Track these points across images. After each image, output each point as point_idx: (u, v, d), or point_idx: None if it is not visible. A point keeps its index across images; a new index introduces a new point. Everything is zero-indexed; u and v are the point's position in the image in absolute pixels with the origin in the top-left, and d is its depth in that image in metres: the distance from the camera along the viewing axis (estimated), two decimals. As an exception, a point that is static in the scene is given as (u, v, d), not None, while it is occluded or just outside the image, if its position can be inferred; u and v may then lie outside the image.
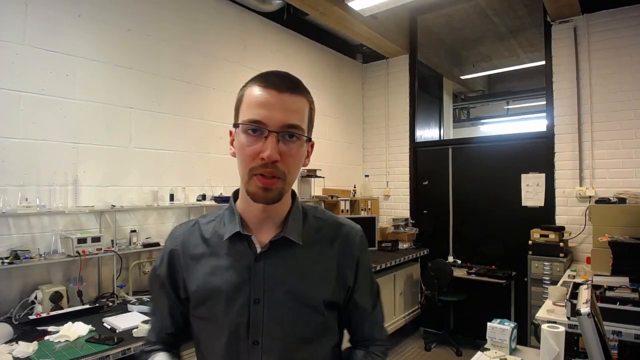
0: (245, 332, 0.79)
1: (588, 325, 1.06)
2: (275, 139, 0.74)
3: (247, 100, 0.77)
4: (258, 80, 0.77)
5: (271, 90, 0.75)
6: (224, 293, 0.80)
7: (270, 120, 0.74)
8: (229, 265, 0.82)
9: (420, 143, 4.77)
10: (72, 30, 2.41)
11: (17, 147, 2.17)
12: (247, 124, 0.75)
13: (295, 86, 0.77)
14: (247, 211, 0.83)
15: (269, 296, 0.80)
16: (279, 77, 0.77)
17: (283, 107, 0.75)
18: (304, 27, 4.18)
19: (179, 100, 3.00)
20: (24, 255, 2.04)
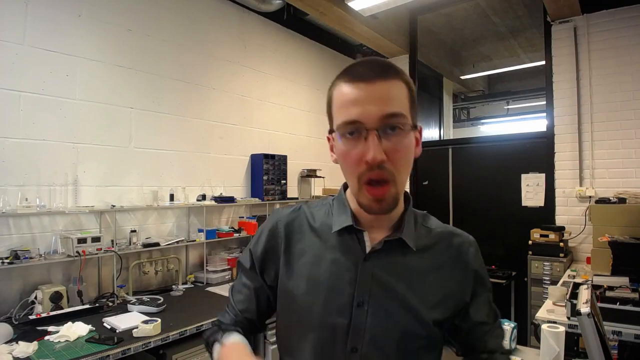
0: (344, 336, 0.71)
1: (588, 325, 1.06)
2: (376, 137, 0.65)
3: (337, 100, 0.70)
4: (343, 75, 0.70)
5: (359, 83, 0.67)
6: (325, 289, 0.73)
7: (366, 116, 0.65)
8: (335, 259, 0.74)
9: (420, 143, 4.76)
10: (72, 30, 2.41)
11: (17, 147, 2.17)
12: (342, 127, 0.67)
13: (385, 71, 0.68)
14: (354, 205, 0.76)
15: (374, 301, 0.72)
16: (365, 65, 0.69)
17: (377, 97, 0.65)
18: (304, 27, 4.18)
19: (179, 100, 3.00)
20: (24, 255, 2.04)
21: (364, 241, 0.75)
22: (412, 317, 0.72)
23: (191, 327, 2.02)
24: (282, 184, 3.67)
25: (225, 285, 2.85)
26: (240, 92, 3.51)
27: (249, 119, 3.59)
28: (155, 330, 1.87)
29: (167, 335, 1.90)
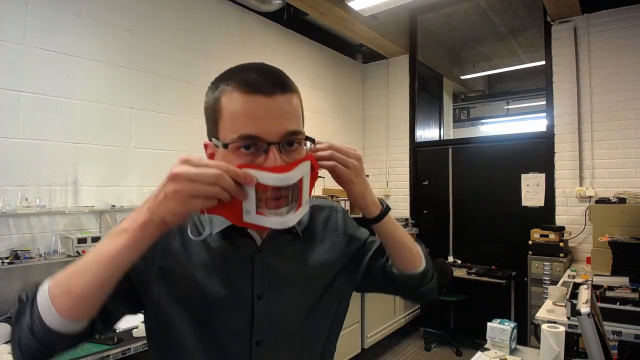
0: (248, 332, 0.70)
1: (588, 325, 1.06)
2: (277, 151, 0.62)
3: (229, 110, 0.63)
4: (235, 85, 0.63)
5: (257, 95, 0.62)
6: (222, 290, 0.69)
7: (267, 131, 0.61)
8: (224, 259, 0.71)
9: (420, 143, 4.77)
10: (72, 30, 2.41)
11: (17, 147, 2.17)
12: (237, 141, 0.61)
13: (283, 84, 0.65)
14: None
15: (273, 290, 0.72)
16: (261, 74, 0.64)
17: (277, 113, 0.63)
18: (304, 27, 4.18)
19: (179, 100, 3.01)
20: (24, 255, 2.05)
21: (252, 235, 0.72)
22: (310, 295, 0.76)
23: (191, 327, 2.02)
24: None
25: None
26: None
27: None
28: (155, 330, 1.87)
29: (167, 335, 1.90)
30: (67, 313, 0.56)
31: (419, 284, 0.83)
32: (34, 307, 0.57)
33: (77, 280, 0.56)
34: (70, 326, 0.57)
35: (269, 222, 0.62)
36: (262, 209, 0.61)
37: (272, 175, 0.60)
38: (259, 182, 0.59)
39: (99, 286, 0.56)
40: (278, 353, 0.72)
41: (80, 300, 0.56)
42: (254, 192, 0.60)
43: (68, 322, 0.56)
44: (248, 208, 0.60)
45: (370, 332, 3.57)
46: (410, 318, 4.29)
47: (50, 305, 0.56)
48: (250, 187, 0.59)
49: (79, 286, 0.55)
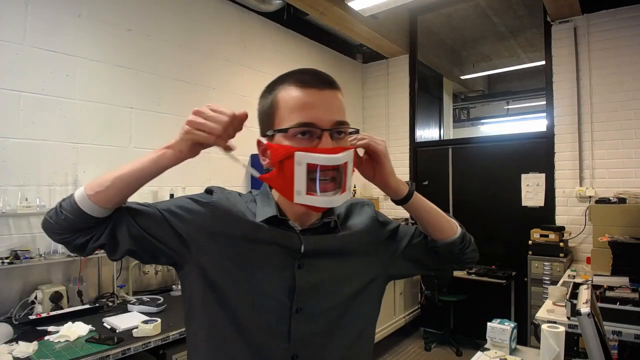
0: (288, 299, 0.75)
1: (588, 325, 1.06)
2: (329, 137, 0.72)
3: (287, 103, 0.73)
4: (291, 81, 0.74)
5: (312, 89, 0.73)
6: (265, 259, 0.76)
7: (320, 119, 0.71)
8: (267, 239, 0.77)
9: (420, 143, 4.77)
10: (72, 30, 2.41)
11: (17, 147, 2.17)
12: (297, 128, 0.71)
13: (332, 82, 0.76)
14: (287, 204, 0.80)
15: (313, 263, 0.78)
16: (313, 74, 0.75)
17: (328, 104, 0.73)
18: (304, 27, 4.18)
19: (179, 100, 3.00)
20: (24, 255, 2.04)
21: (292, 226, 0.80)
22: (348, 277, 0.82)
23: (191, 327, 2.02)
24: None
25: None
26: (240, 92, 3.51)
27: (249, 119, 3.55)
28: (155, 330, 1.87)
29: (167, 335, 1.90)
30: (87, 187, 0.71)
31: (461, 248, 0.91)
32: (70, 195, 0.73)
33: (107, 175, 0.71)
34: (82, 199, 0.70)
35: (318, 201, 0.71)
36: (311, 190, 0.70)
37: (323, 156, 0.69)
38: (310, 163, 0.69)
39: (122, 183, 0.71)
40: (316, 322, 0.77)
41: (99, 183, 0.70)
42: (305, 173, 0.69)
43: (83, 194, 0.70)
44: (299, 189, 0.70)
45: (370, 332, 3.57)
46: (410, 318, 4.29)
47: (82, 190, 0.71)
48: (302, 168, 0.69)
49: (106, 174, 0.72)
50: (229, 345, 0.75)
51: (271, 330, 0.74)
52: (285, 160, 0.71)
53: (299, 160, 0.69)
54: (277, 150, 0.73)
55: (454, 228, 0.91)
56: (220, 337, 0.75)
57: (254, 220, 0.79)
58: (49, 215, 0.73)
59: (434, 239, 0.90)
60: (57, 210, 0.72)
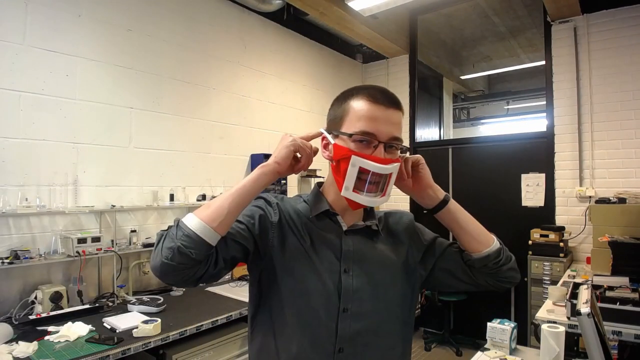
0: (337, 299, 0.85)
1: (588, 325, 1.06)
2: (383, 149, 0.83)
3: (356, 112, 0.84)
4: (364, 94, 0.85)
5: (380, 106, 0.84)
6: (315, 262, 0.87)
7: (380, 132, 0.83)
8: (319, 236, 0.89)
9: (420, 143, 4.77)
10: (72, 30, 2.41)
11: (17, 147, 2.17)
12: (360, 135, 0.83)
13: (397, 102, 0.87)
14: (335, 199, 0.92)
15: (357, 267, 0.88)
16: (383, 93, 0.86)
17: (389, 121, 0.84)
18: (304, 27, 4.18)
19: (179, 100, 3.00)
20: (24, 255, 2.04)
21: (340, 222, 0.92)
22: (388, 280, 0.91)
23: (191, 327, 2.02)
24: (282, 183, 3.67)
25: (226, 285, 2.85)
26: (240, 92, 3.51)
27: (249, 119, 3.59)
28: (155, 330, 1.87)
29: (167, 335, 1.90)
30: (205, 218, 0.76)
31: (496, 263, 0.92)
32: (179, 223, 0.77)
33: (216, 201, 0.79)
34: (205, 231, 0.75)
35: (360, 198, 0.83)
36: (357, 189, 0.83)
37: (374, 164, 0.81)
38: (362, 167, 0.81)
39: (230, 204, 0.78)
40: (360, 321, 0.86)
41: (217, 213, 0.77)
42: (356, 173, 0.82)
43: (204, 226, 0.75)
44: (348, 185, 0.83)
45: (370, 332, 3.57)
46: (410, 318, 4.29)
47: (193, 215, 0.77)
48: (354, 169, 0.81)
49: (216, 203, 0.79)
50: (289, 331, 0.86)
51: (322, 324, 0.85)
52: (343, 159, 0.84)
53: (354, 162, 0.82)
54: (340, 150, 0.85)
55: (490, 241, 0.93)
56: (283, 322, 0.87)
57: (309, 215, 0.92)
58: (165, 258, 0.74)
59: (469, 252, 0.93)
60: (175, 250, 0.74)
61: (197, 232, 0.75)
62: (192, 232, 0.75)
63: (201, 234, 0.75)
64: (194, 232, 0.75)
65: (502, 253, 0.93)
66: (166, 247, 0.74)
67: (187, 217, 0.77)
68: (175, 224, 0.78)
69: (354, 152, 0.82)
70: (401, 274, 0.94)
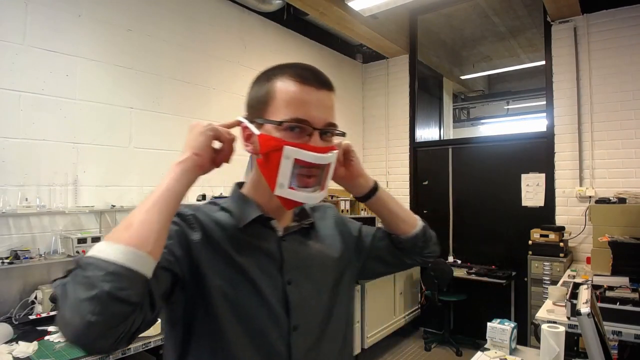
0: (285, 318, 0.73)
1: (588, 325, 1.06)
2: (318, 137, 0.72)
3: (284, 96, 0.72)
4: (291, 74, 0.73)
5: (310, 87, 0.72)
6: (254, 279, 0.73)
7: (314, 118, 0.72)
8: (253, 248, 0.75)
9: (420, 143, 4.77)
10: (72, 30, 2.41)
11: (17, 147, 2.17)
12: (291, 122, 0.70)
13: (329, 83, 0.76)
14: (265, 201, 0.78)
15: (300, 276, 0.77)
16: (313, 72, 0.74)
17: (323, 104, 0.74)
18: (304, 27, 4.18)
19: (179, 100, 3.00)
20: (24, 255, 2.05)
21: (275, 227, 0.79)
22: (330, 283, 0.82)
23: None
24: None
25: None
26: (240, 92, 3.50)
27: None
28: (155, 331, 1.87)
29: (167, 335, 1.90)
30: (132, 242, 0.55)
31: (424, 241, 0.94)
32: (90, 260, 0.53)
33: (136, 216, 0.59)
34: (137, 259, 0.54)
35: (298, 195, 0.72)
36: (293, 185, 0.71)
37: (312, 154, 0.70)
38: (298, 158, 0.70)
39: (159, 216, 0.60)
40: (310, 337, 0.76)
41: (145, 230, 0.57)
42: (291, 167, 0.70)
43: (134, 252, 0.55)
44: (282, 181, 0.71)
45: (370, 332, 3.57)
46: (410, 318, 4.29)
47: (110, 243, 0.55)
48: (288, 162, 0.69)
49: (137, 218, 0.58)
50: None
51: (273, 352, 0.72)
52: (273, 151, 0.71)
53: (288, 154, 0.69)
54: (268, 141, 0.72)
55: (416, 221, 0.95)
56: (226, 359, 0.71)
57: (236, 225, 0.76)
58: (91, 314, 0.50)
59: (398, 235, 0.92)
60: (103, 299, 0.50)
61: (125, 264, 0.53)
62: (119, 267, 0.52)
63: (133, 264, 0.54)
64: (121, 265, 0.53)
65: (427, 230, 0.95)
66: (83, 299, 0.50)
67: (100, 248, 0.54)
68: (82, 264, 0.53)
69: (286, 142, 0.70)
70: (341, 271, 0.86)
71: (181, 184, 0.67)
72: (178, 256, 0.68)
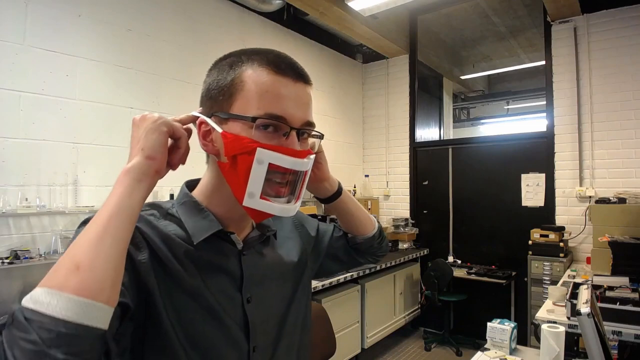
0: (245, 341, 0.66)
1: (588, 325, 1.06)
2: (296, 138, 0.62)
3: (255, 86, 0.61)
4: (263, 61, 0.62)
5: (287, 79, 0.62)
6: (210, 302, 0.63)
7: (292, 116, 0.61)
8: (209, 267, 0.65)
9: (420, 143, 4.77)
10: (72, 30, 2.41)
11: (17, 147, 2.17)
12: (266, 119, 0.60)
13: (306, 75, 0.65)
14: (224, 211, 0.68)
15: (259, 292, 0.70)
16: (288, 62, 0.64)
17: (300, 101, 0.63)
18: (304, 27, 4.18)
19: (179, 100, 3.00)
20: (24, 255, 2.05)
21: (235, 241, 0.69)
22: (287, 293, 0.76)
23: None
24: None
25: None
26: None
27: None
28: None
29: (167, 335, 1.90)
30: (83, 290, 0.43)
31: (379, 242, 0.94)
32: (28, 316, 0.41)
33: (81, 249, 0.46)
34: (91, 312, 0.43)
35: (273, 208, 0.61)
36: (267, 194, 0.60)
37: (291, 159, 0.60)
38: (273, 163, 0.59)
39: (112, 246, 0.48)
40: (267, 355, 0.70)
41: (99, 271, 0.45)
42: (264, 174, 0.59)
43: (88, 303, 0.43)
44: (253, 190, 0.59)
45: (370, 332, 3.57)
46: (410, 318, 4.29)
47: (53, 292, 0.43)
48: (262, 167, 0.58)
49: (86, 253, 0.46)
50: None
51: None
52: (242, 154, 0.59)
53: (261, 158, 0.58)
54: (236, 141, 0.60)
55: (373, 222, 0.93)
56: None
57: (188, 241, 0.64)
58: None
59: (355, 235, 0.92)
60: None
61: (78, 321, 0.42)
62: (71, 326, 0.42)
63: (88, 320, 0.43)
64: (74, 323, 0.42)
65: (382, 231, 0.95)
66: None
67: (42, 299, 0.42)
68: (21, 319, 0.41)
69: (260, 143, 0.58)
70: (299, 277, 0.80)
71: (134, 199, 0.54)
72: (125, 283, 0.52)
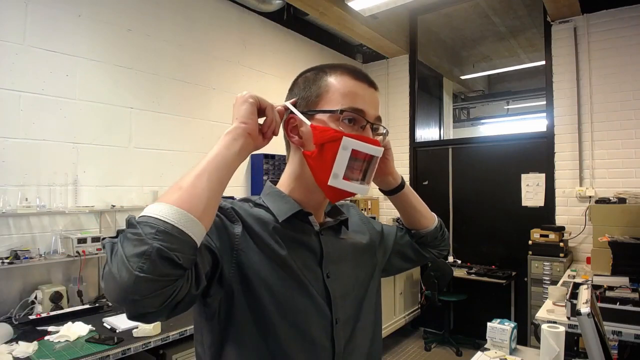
0: (328, 311, 0.74)
1: (588, 325, 1.06)
2: (370, 130, 0.75)
3: (340, 88, 0.73)
4: (344, 71, 0.76)
5: (364, 83, 0.76)
6: (298, 273, 0.72)
7: (368, 111, 0.74)
8: (295, 242, 0.75)
9: (420, 143, 4.77)
10: (72, 30, 2.41)
11: (17, 147, 2.17)
12: (349, 112, 0.72)
13: (375, 83, 0.79)
14: (303, 197, 0.78)
15: (338, 270, 0.78)
16: (363, 73, 0.78)
17: (373, 101, 0.77)
18: (304, 27, 4.18)
19: (179, 100, 3.00)
20: (24, 255, 2.05)
21: (312, 223, 0.78)
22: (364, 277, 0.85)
23: (191, 327, 2.02)
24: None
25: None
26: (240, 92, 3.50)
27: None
28: (155, 330, 1.87)
29: (167, 335, 1.90)
30: (182, 204, 0.54)
31: (442, 234, 1.01)
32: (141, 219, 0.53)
33: (186, 180, 0.58)
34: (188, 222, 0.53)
35: (353, 187, 0.72)
36: (348, 176, 0.71)
37: (370, 146, 0.72)
38: (355, 149, 0.70)
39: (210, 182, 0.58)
40: (349, 330, 0.77)
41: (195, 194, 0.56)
42: (347, 159, 0.70)
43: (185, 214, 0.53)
44: (337, 172, 0.70)
45: (370, 332, 3.57)
46: (410, 318, 4.29)
47: (162, 204, 0.54)
48: (346, 153, 0.69)
49: (187, 181, 0.57)
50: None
51: (318, 348, 0.72)
52: (329, 142, 0.70)
53: (346, 145, 0.69)
54: (325, 132, 0.71)
55: (434, 217, 1.00)
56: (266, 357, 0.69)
57: (275, 220, 0.74)
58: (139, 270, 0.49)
59: (418, 229, 0.98)
60: (152, 255, 0.50)
61: (176, 224, 0.52)
62: (170, 226, 0.52)
63: (183, 226, 0.52)
64: (173, 225, 0.52)
65: (443, 225, 1.02)
66: (132, 254, 0.49)
67: (152, 207, 0.54)
68: (133, 222, 0.53)
69: (345, 133, 0.70)
70: (371, 266, 0.89)
71: (232, 151, 0.64)
72: (219, 246, 0.66)
